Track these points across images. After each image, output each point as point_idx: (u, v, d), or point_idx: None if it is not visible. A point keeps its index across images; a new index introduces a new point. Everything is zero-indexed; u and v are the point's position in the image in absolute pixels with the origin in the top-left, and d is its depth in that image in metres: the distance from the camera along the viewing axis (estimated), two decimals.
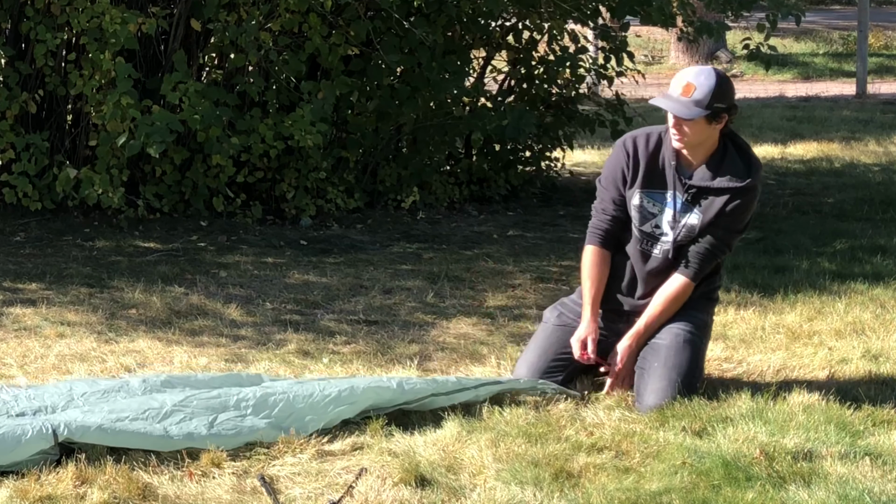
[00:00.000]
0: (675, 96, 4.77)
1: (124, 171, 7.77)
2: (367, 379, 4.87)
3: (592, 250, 5.01)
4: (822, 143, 11.59)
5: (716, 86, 4.72)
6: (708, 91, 4.72)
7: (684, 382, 4.81)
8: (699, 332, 4.97)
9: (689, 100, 4.73)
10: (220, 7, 7.88)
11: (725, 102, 4.77)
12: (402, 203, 8.63)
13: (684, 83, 4.75)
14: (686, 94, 4.74)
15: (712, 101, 4.72)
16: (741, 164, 4.84)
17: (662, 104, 4.78)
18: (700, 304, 5.03)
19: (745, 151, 4.88)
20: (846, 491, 4.04)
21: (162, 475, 4.21)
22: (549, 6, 8.63)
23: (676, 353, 4.86)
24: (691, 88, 4.73)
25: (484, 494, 4.08)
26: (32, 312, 6.15)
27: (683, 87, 4.75)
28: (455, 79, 8.55)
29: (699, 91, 4.72)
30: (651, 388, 4.80)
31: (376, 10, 8.28)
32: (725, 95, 4.77)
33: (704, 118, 4.74)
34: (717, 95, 4.73)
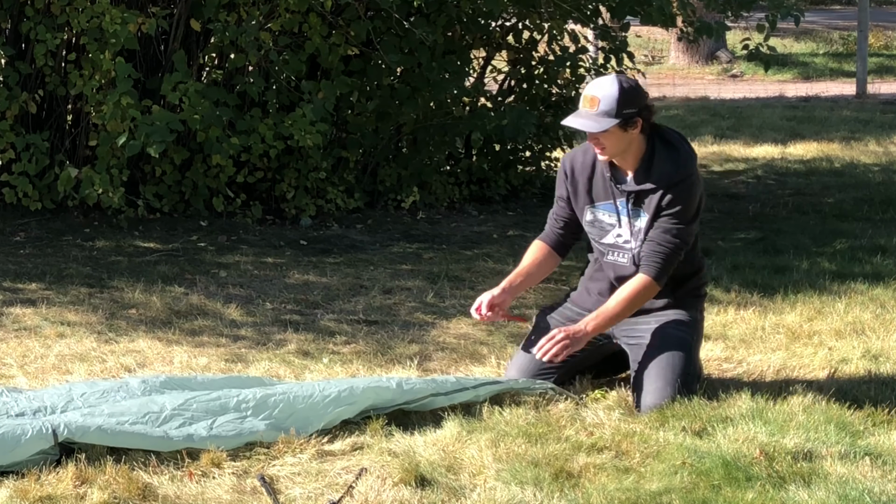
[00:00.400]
0: (583, 112, 4.79)
1: (124, 171, 7.77)
2: (367, 379, 4.86)
3: (536, 243, 5.10)
4: (822, 143, 11.59)
5: (619, 93, 4.73)
6: (612, 100, 4.73)
7: (681, 381, 4.81)
8: (690, 330, 4.96)
9: (596, 112, 4.74)
10: (220, 7, 7.88)
11: (634, 106, 4.76)
12: (402, 203, 8.64)
13: (589, 97, 4.78)
14: (592, 107, 4.75)
15: (620, 109, 4.72)
16: (669, 160, 4.84)
17: (572, 123, 4.81)
18: (687, 301, 5.02)
19: (673, 146, 4.87)
20: (846, 491, 4.04)
21: (162, 475, 4.21)
22: (549, 6, 8.63)
23: (670, 352, 4.86)
24: (595, 101, 4.75)
25: (484, 494, 4.08)
26: (32, 312, 6.15)
27: (588, 101, 4.77)
28: (455, 79, 8.55)
29: (604, 102, 4.73)
30: (648, 388, 4.81)
31: (376, 10, 8.28)
32: (632, 100, 4.76)
33: (617, 126, 4.74)
34: (623, 102, 4.73)
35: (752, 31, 9.67)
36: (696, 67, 18.18)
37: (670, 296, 5.00)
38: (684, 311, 4.99)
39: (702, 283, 5.13)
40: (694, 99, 15.01)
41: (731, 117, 13.08)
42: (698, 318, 5.06)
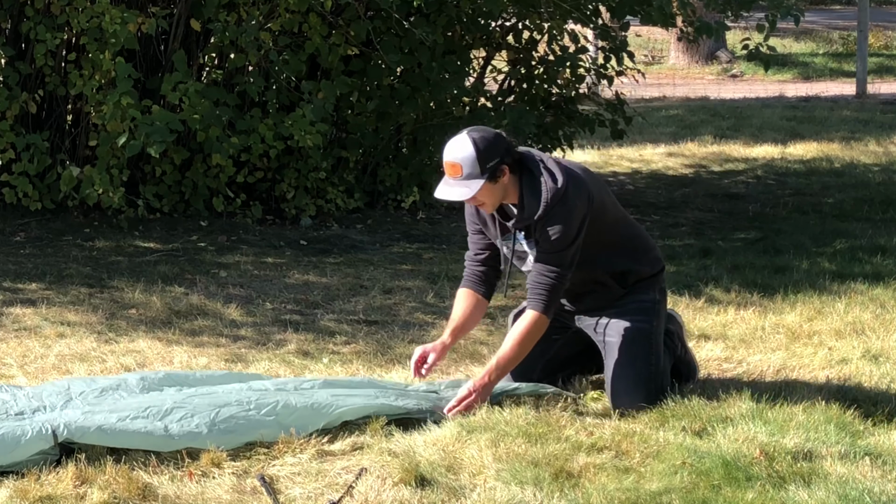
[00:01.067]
0: (450, 181, 4.73)
1: (124, 171, 7.77)
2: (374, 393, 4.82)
3: (461, 291, 5.01)
4: (822, 143, 11.59)
5: (476, 152, 4.66)
6: (472, 161, 4.66)
7: (646, 376, 4.82)
8: (648, 317, 4.93)
9: (462, 177, 4.68)
10: (220, 7, 7.88)
11: (496, 156, 4.68)
12: (402, 203, 8.64)
13: (450, 164, 4.71)
14: (456, 174, 4.69)
15: (483, 165, 4.67)
16: (533, 195, 4.74)
17: (444, 195, 4.75)
18: (641, 286, 4.98)
19: (535, 178, 4.75)
20: (846, 491, 4.04)
21: (162, 475, 4.21)
22: (549, 6, 8.63)
23: (629, 348, 4.87)
24: (457, 167, 4.68)
25: (484, 494, 4.08)
26: (32, 312, 6.15)
27: (451, 168, 4.71)
28: (455, 79, 8.55)
29: (465, 166, 4.66)
30: (615, 390, 4.83)
31: (376, 10, 8.28)
32: (491, 152, 4.68)
33: (486, 182, 4.68)
34: (484, 158, 4.66)
35: (752, 31, 9.67)
36: (696, 67, 18.18)
37: (621, 289, 4.96)
38: (639, 296, 4.96)
39: (650, 263, 5.01)
40: (694, 99, 15.01)
41: (731, 117, 13.08)
42: (655, 298, 4.99)
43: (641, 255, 5.01)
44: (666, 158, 11.06)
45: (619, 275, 4.96)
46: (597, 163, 10.70)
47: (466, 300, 4.99)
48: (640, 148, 11.40)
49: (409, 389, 4.91)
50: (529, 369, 5.00)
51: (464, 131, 4.78)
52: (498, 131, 4.83)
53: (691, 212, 8.98)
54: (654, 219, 8.64)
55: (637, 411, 4.75)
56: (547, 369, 5.03)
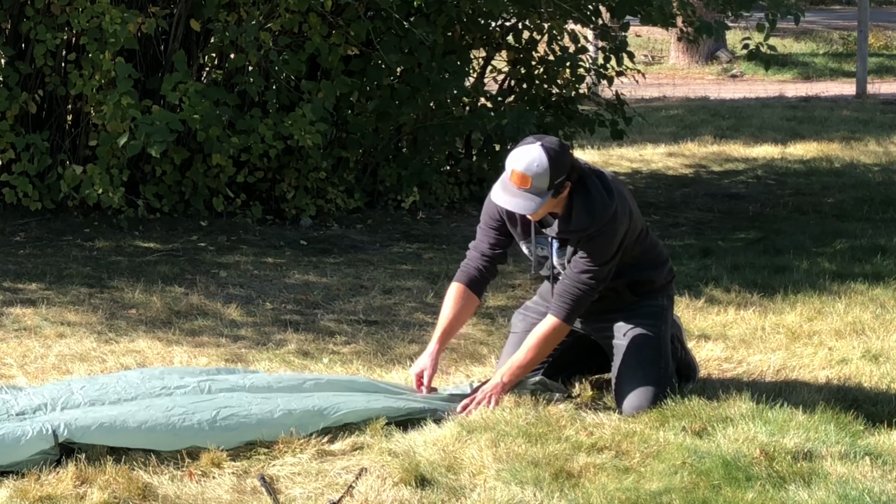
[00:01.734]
0: (513, 189, 4.63)
1: (124, 171, 7.77)
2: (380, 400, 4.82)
3: (455, 287, 4.95)
4: (822, 143, 11.59)
5: (550, 167, 4.58)
6: (543, 176, 4.58)
7: (655, 379, 4.82)
8: (657, 321, 4.94)
9: (527, 191, 4.60)
10: (220, 7, 7.88)
11: (563, 172, 4.62)
12: (402, 203, 8.63)
13: (519, 174, 4.60)
14: (523, 186, 4.60)
15: (552, 182, 4.60)
16: (585, 210, 4.69)
17: (504, 203, 4.66)
18: (652, 294, 4.99)
19: (590, 194, 4.70)
20: (846, 491, 4.04)
21: (162, 475, 4.21)
22: (549, 6, 8.63)
23: (638, 352, 4.87)
24: (527, 179, 4.59)
25: (484, 494, 4.08)
26: (32, 312, 6.15)
27: (519, 178, 4.61)
28: (455, 79, 8.55)
29: (535, 180, 4.58)
30: (623, 393, 4.83)
31: (376, 10, 8.28)
32: (561, 168, 4.61)
33: (550, 198, 4.64)
34: (555, 174, 4.60)
35: (752, 31, 9.67)
36: (696, 67, 18.17)
37: (632, 296, 4.96)
38: (648, 302, 4.96)
39: (663, 274, 5.02)
40: (694, 99, 15.01)
41: (731, 117, 13.08)
42: (664, 305, 5.00)
43: (658, 266, 5.02)
44: (666, 158, 11.06)
45: (633, 284, 4.96)
46: (597, 163, 10.62)
47: (460, 300, 4.94)
48: (640, 148, 11.40)
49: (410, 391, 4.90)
50: (533, 372, 4.99)
51: (536, 142, 4.65)
52: (566, 143, 4.74)
53: (691, 212, 8.98)
54: (654, 219, 8.63)
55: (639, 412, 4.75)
56: (550, 371, 5.03)
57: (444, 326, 4.93)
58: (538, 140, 4.68)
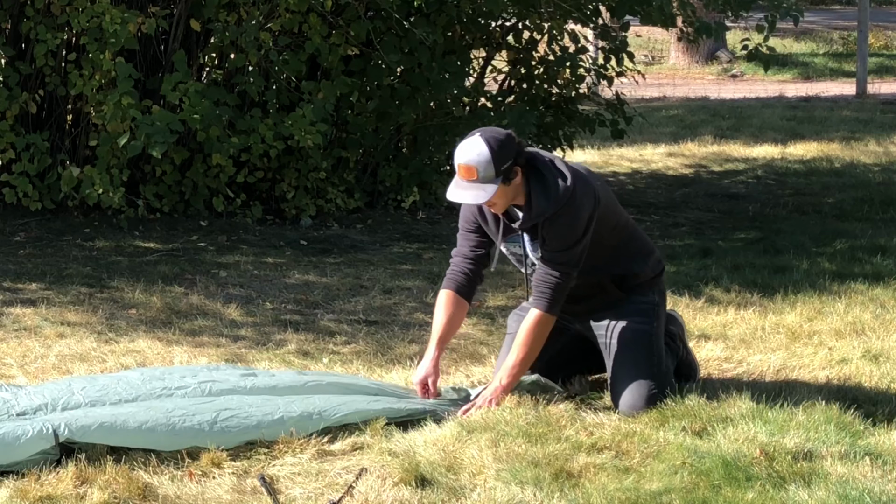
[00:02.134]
0: (463, 184, 4.70)
1: (124, 171, 7.77)
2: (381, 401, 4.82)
3: (444, 294, 4.96)
4: (822, 143, 11.59)
5: (491, 154, 4.62)
6: (487, 163, 4.63)
7: (649, 376, 4.82)
8: (648, 318, 4.94)
9: (477, 182, 4.66)
10: (220, 7, 7.88)
11: (509, 158, 4.67)
12: (402, 203, 8.64)
13: (464, 167, 4.67)
14: (471, 177, 4.67)
15: (498, 168, 4.65)
16: (542, 194, 4.73)
17: (457, 197, 4.72)
18: (641, 288, 4.99)
19: (543, 177, 4.75)
20: (846, 491, 4.04)
21: (162, 475, 4.21)
22: (549, 6, 8.63)
23: (630, 350, 4.87)
24: (472, 170, 4.65)
25: (484, 494, 4.08)
26: (32, 312, 6.15)
27: (465, 171, 4.67)
28: (455, 79, 8.55)
29: (480, 169, 4.64)
30: (618, 391, 4.83)
31: (376, 10, 8.28)
32: (505, 154, 4.66)
33: (501, 184, 4.68)
34: (499, 160, 4.64)
35: (752, 31, 9.67)
36: (696, 67, 18.17)
37: (620, 292, 4.97)
38: (638, 297, 4.96)
39: (651, 266, 5.02)
40: (694, 99, 15.01)
41: (731, 117, 13.08)
42: (655, 301, 5.00)
43: (642, 258, 5.01)
44: (666, 158, 11.06)
45: (619, 278, 4.96)
46: (597, 163, 10.70)
47: (450, 306, 4.95)
48: (640, 148, 11.40)
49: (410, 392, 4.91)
50: (530, 370, 5.00)
51: (476, 133, 4.73)
52: (509, 132, 4.80)
53: (691, 212, 8.98)
54: (654, 219, 8.64)
55: (638, 413, 4.75)
56: (547, 370, 5.03)
57: (439, 333, 4.94)
58: (478, 131, 4.74)
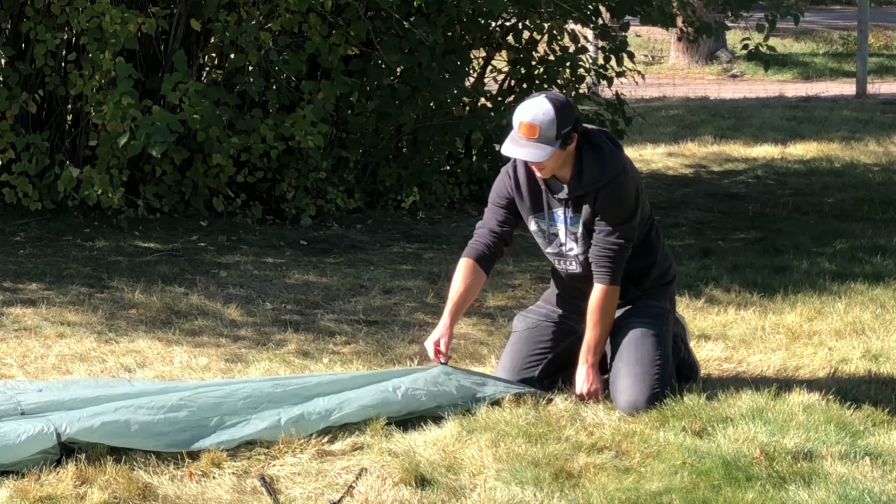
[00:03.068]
0: (521, 141, 4.75)
1: (124, 171, 7.77)
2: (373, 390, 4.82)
3: (464, 262, 5.04)
4: (822, 143, 11.59)
5: (556, 115, 4.71)
6: (550, 124, 4.71)
7: (652, 374, 4.83)
8: (657, 321, 4.97)
9: (537, 139, 4.72)
10: (220, 7, 7.88)
11: (570, 123, 4.75)
12: (402, 203, 8.64)
13: (526, 124, 4.73)
14: (532, 136, 4.72)
15: (559, 131, 4.71)
16: (596, 162, 4.82)
17: (513, 153, 4.78)
18: (655, 292, 5.04)
19: (598, 147, 4.85)
20: (846, 491, 4.04)
21: (162, 475, 4.21)
22: (549, 6, 8.63)
23: (637, 348, 4.89)
24: (535, 129, 4.71)
25: (484, 494, 4.08)
26: (32, 312, 6.15)
27: (527, 128, 4.73)
28: (455, 79, 8.55)
29: (543, 128, 4.71)
30: (620, 387, 4.84)
31: (376, 10, 8.28)
32: (568, 118, 4.74)
33: (558, 148, 4.74)
34: (561, 123, 4.72)
35: (752, 31, 9.67)
36: (696, 67, 18.17)
37: (636, 290, 5.02)
38: (651, 302, 5.01)
39: (666, 270, 5.11)
40: (694, 99, 15.01)
41: (731, 117, 13.08)
42: (666, 307, 5.05)
43: (661, 260, 5.08)
44: (666, 158, 11.06)
45: (637, 274, 5.00)
46: None
47: (469, 274, 5.01)
48: (640, 148, 11.40)
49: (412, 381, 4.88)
50: (530, 368, 5.01)
51: (541, 95, 4.81)
52: (570, 99, 4.86)
53: (691, 212, 8.98)
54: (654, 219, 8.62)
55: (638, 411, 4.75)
56: (547, 370, 5.04)
57: (455, 300, 4.99)
58: (543, 94, 4.82)
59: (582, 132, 4.84)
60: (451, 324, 4.98)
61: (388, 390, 4.75)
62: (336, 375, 5.01)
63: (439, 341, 4.96)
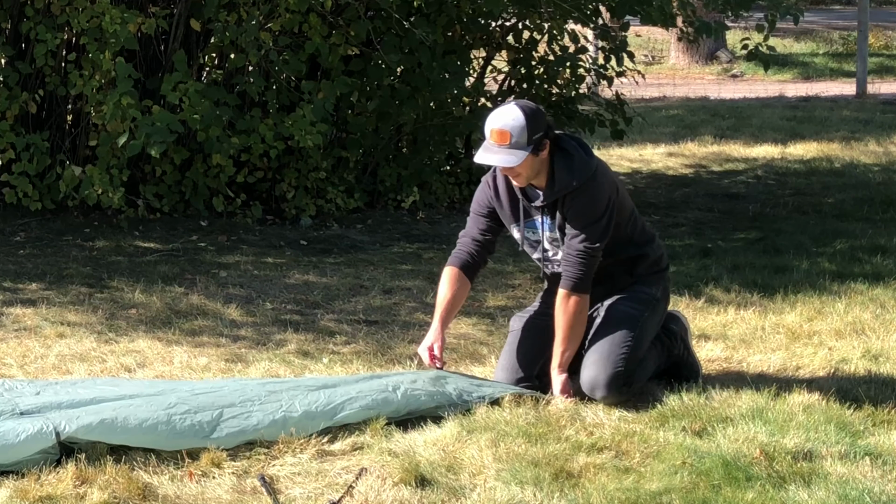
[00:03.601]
0: (493, 148, 4.78)
1: (124, 171, 7.77)
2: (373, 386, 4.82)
3: (449, 270, 5.05)
4: (822, 143, 11.59)
5: (526, 121, 4.74)
6: (521, 130, 4.73)
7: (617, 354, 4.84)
8: (643, 307, 4.97)
9: (509, 145, 4.74)
10: (220, 7, 7.88)
11: (541, 129, 4.78)
12: (402, 203, 8.64)
13: (497, 131, 4.76)
14: (503, 142, 4.75)
15: (530, 136, 4.74)
16: (566, 168, 4.83)
17: (486, 159, 4.80)
18: (647, 279, 5.04)
19: (568, 154, 4.85)
20: (846, 491, 4.04)
21: (162, 475, 4.21)
22: (549, 6, 8.63)
23: (610, 328, 4.91)
24: (506, 135, 4.74)
25: (484, 494, 4.08)
26: (32, 312, 6.15)
27: (497, 135, 4.76)
28: (455, 79, 8.55)
29: (514, 134, 4.73)
30: (585, 363, 4.88)
31: (376, 10, 8.28)
32: (538, 123, 4.78)
33: (530, 154, 4.76)
34: (532, 129, 4.75)
35: (752, 31, 9.67)
36: (696, 67, 18.18)
37: (629, 277, 5.02)
38: (642, 288, 5.02)
39: (659, 257, 5.10)
40: (694, 99, 15.01)
41: (731, 117, 13.08)
42: (656, 295, 5.04)
43: (649, 244, 5.08)
44: (666, 158, 11.06)
45: (628, 263, 5.01)
46: None
47: (454, 282, 5.03)
48: (640, 148, 11.40)
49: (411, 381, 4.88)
50: (529, 367, 5.01)
51: (511, 102, 4.87)
52: (540, 106, 4.92)
53: (691, 212, 8.98)
54: (654, 219, 8.63)
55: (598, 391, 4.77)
56: (545, 368, 5.04)
57: (444, 306, 5.02)
58: (513, 101, 4.88)
59: (554, 138, 4.85)
60: (441, 329, 5.00)
61: (388, 390, 4.75)
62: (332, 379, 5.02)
63: (433, 346, 4.98)
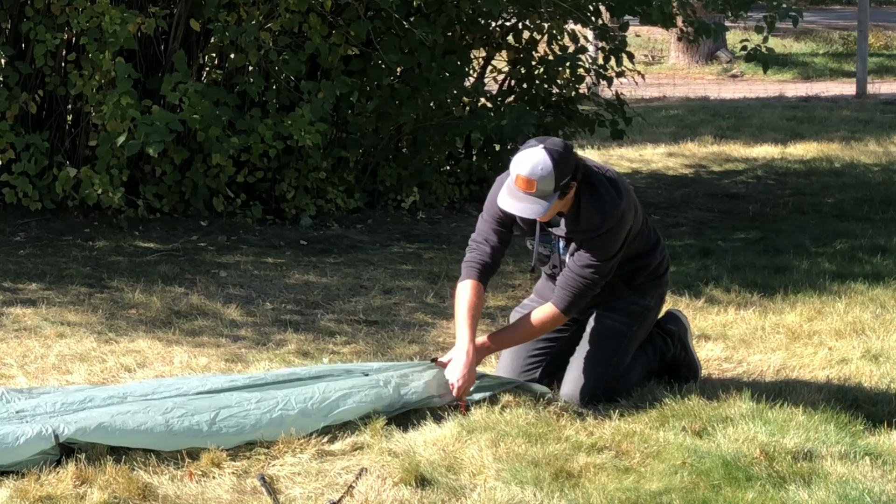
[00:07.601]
0: (519, 195, 4.62)
1: (124, 171, 7.77)
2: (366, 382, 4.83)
3: (469, 284, 4.89)
4: (822, 143, 11.59)
5: (554, 168, 4.56)
6: (549, 179, 4.56)
7: (597, 374, 4.84)
8: (630, 320, 4.95)
9: (534, 195, 4.59)
10: (220, 7, 7.88)
11: (568, 173, 4.61)
12: (402, 203, 8.64)
13: (524, 179, 4.58)
14: (529, 190, 4.59)
15: (557, 183, 4.59)
16: (596, 209, 4.70)
17: (512, 208, 4.64)
18: (644, 287, 5.00)
19: (600, 195, 4.71)
20: (846, 491, 4.05)
21: (162, 475, 4.21)
22: (549, 6, 8.63)
23: (596, 344, 4.90)
24: (532, 184, 4.57)
25: (484, 494, 4.08)
26: (32, 312, 6.15)
27: (524, 182, 4.59)
28: (455, 79, 8.55)
29: (541, 184, 4.57)
30: (566, 377, 4.88)
31: (376, 10, 8.28)
32: (566, 168, 4.60)
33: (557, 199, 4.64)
34: (560, 176, 4.58)
35: (752, 32, 9.67)
36: (696, 67, 18.18)
37: (628, 287, 4.98)
38: (635, 298, 4.97)
39: (658, 264, 5.04)
40: (694, 99, 15.01)
41: (731, 117, 13.08)
42: (649, 306, 5.01)
43: (654, 258, 5.03)
44: (666, 158, 11.06)
45: (629, 275, 4.98)
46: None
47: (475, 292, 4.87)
48: (640, 148, 11.40)
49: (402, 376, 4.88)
50: (532, 370, 5.01)
51: (539, 145, 4.63)
52: (569, 144, 4.74)
53: (691, 212, 8.99)
54: (654, 219, 8.63)
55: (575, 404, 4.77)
56: (549, 368, 5.04)
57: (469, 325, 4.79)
58: (541, 143, 4.65)
59: (581, 176, 4.69)
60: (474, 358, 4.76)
61: (380, 384, 4.75)
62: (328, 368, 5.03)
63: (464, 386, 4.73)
